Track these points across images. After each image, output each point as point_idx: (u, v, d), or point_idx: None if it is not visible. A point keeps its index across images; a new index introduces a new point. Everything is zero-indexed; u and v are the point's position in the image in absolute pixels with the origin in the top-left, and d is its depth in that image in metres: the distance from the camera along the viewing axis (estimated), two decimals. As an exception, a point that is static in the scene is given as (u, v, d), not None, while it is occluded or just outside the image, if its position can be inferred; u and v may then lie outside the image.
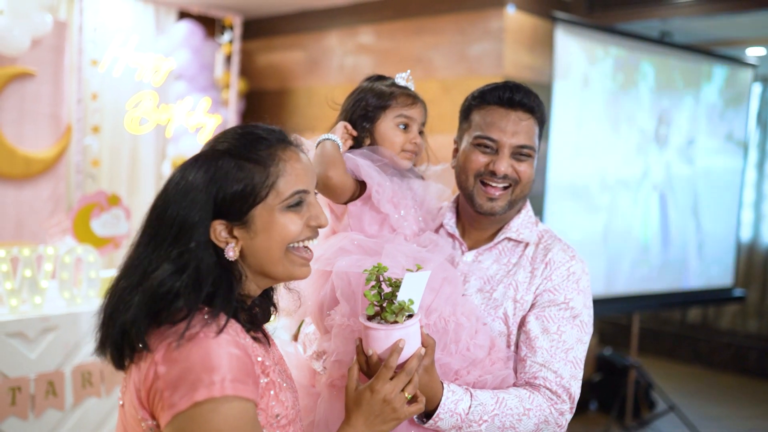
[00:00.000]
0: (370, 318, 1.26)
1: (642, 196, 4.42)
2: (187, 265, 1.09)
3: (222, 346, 1.05)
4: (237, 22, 5.01)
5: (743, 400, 5.35)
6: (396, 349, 1.21)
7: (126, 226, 3.36)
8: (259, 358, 1.13)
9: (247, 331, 1.16)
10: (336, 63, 4.93)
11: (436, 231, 1.64)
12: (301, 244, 1.19)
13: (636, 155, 4.35)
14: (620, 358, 4.99)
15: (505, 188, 1.53)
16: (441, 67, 4.32)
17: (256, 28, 5.41)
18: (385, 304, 1.25)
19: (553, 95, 3.91)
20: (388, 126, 1.57)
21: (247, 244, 1.15)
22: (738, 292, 5.02)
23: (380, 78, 1.63)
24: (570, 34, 3.97)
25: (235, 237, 1.14)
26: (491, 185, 1.53)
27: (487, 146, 1.53)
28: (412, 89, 1.61)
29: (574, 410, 1.46)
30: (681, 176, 4.60)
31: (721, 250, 4.87)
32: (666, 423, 4.72)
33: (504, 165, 1.51)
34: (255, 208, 1.13)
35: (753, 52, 5.36)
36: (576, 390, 1.46)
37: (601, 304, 4.26)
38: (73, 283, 2.92)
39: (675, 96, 4.49)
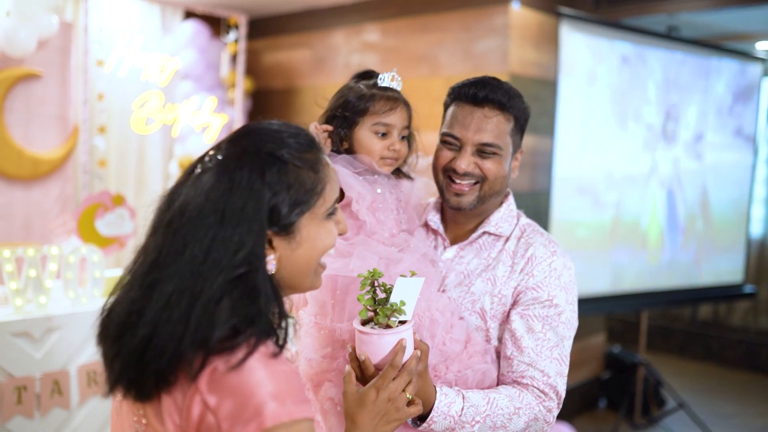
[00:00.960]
0: (363, 323, 1.27)
1: (649, 192, 4.39)
2: (253, 298, 0.98)
3: (275, 366, 0.96)
4: (242, 21, 5.02)
5: (755, 397, 5.30)
6: (400, 348, 1.21)
7: (131, 225, 3.36)
8: None
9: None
10: (342, 61, 4.93)
11: (421, 226, 1.65)
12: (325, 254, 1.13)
13: (643, 151, 4.31)
14: (629, 356, 4.96)
15: (474, 184, 1.53)
16: (446, 65, 4.30)
17: (262, 27, 5.42)
18: (378, 309, 1.25)
19: (559, 91, 3.89)
20: (365, 134, 1.52)
21: (286, 255, 1.05)
22: (749, 288, 4.97)
23: (366, 75, 1.60)
24: (576, 30, 3.94)
25: (273, 248, 1.04)
26: (456, 182, 1.53)
27: (451, 143, 1.54)
28: (399, 88, 1.57)
29: (561, 406, 1.47)
30: (689, 172, 4.56)
31: (731, 247, 4.83)
32: (676, 421, 4.68)
33: (465, 162, 1.51)
34: (302, 217, 1.04)
35: (762, 46, 5.30)
36: (562, 387, 1.47)
37: (609, 301, 4.26)
38: (77, 283, 2.93)
39: (683, 91, 4.44)
